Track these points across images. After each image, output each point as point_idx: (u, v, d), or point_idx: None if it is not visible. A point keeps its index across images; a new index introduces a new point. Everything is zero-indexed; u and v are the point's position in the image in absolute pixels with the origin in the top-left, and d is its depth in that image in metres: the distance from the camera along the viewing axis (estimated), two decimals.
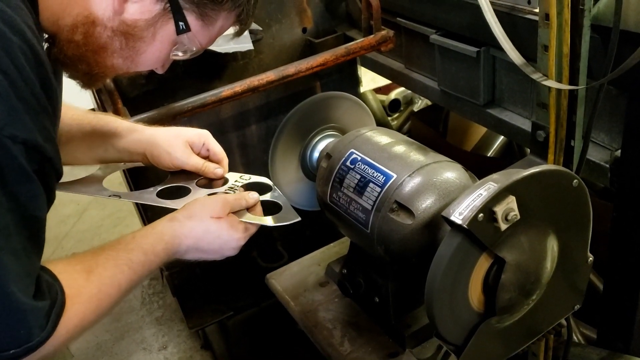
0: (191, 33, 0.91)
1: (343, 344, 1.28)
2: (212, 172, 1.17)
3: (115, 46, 0.88)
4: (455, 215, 0.85)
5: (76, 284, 0.80)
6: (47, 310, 0.75)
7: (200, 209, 1.00)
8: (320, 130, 1.40)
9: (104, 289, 0.84)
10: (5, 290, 0.70)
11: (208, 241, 1.00)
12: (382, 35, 1.63)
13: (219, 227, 1.00)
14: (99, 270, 0.85)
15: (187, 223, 0.98)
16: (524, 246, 0.91)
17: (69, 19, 0.84)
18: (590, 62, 1.07)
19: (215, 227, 1.00)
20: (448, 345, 0.96)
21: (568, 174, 0.93)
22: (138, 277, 0.90)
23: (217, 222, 1.00)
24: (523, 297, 0.95)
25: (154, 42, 0.90)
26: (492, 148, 2.31)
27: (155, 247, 0.93)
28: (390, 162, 1.14)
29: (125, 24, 0.86)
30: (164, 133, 1.17)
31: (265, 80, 1.52)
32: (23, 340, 0.72)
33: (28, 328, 0.72)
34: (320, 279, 1.48)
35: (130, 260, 0.89)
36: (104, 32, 0.87)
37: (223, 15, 0.93)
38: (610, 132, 1.20)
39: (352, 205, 1.17)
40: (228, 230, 1.01)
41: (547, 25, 1.05)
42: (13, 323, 0.71)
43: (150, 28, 0.88)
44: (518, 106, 1.43)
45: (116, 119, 1.19)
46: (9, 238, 0.71)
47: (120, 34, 0.87)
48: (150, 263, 0.92)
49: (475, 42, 1.43)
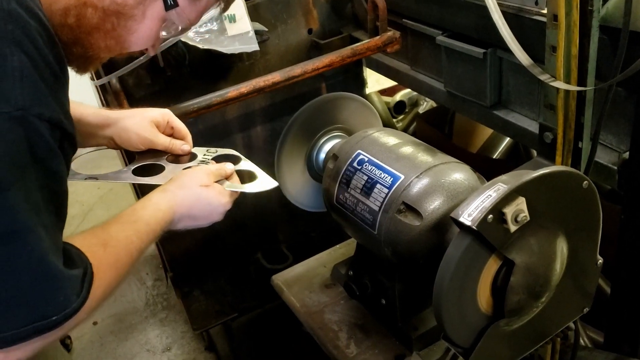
0: (179, 8, 0.93)
1: (349, 346, 1.28)
2: (179, 149, 1.22)
3: (107, 26, 0.90)
4: (464, 216, 0.84)
5: (97, 255, 0.85)
6: (81, 278, 0.79)
7: (189, 179, 1.06)
8: (326, 131, 1.40)
9: (119, 258, 0.89)
10: (44, 260, 0.74)
11: (200, 208, 1.05)
12: (388, 37, 1.62)
13: (208, 194, 1.06)
14: (112, 242, 0.90)
15: (179, 192, 1.04)
16: (534, 248, 0.90)
17: (62, 3, 0.86)
18: (599, 63, 1.06)
19: (205, 194, 1.05)
20: (456, 347, 0.95)
21: (578, 175, 0.92)
22: (145, 245, 0.96)
23: (207, 190, 1.06)
24: (532, 300, 0.94)
25: (144, 20, 0.92)
26: (498, 150, 2.30)
27: (155, 216, 0.99)
28: (398, 163, 1.14)
29: (115, 3, 0.88)
30: (131, 116, 1.22)
31: (271, 81, 1.52)
32: (62, 306, 0.76)
33: (66, 295, 0.76)
34: (326, 280, 1.47)
35: (137, 231, 0.94)
36: (95, 13, 0.88)
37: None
38: (618, 134, 1.20)
39: (359, 207, 1.17)
40: (217, 196, 1.06)
41: (555, 26, 1.05)
42: (53, 291, 0.76)
43: (139, 6, 0.90)
44: (525, 108, 1.43)
45: (80, 104, 1.21)
46: (41, 213, 0.75)
47: (111, 13, 0.89)
48: (153, 232, 0.97)
49: (482, 43, 1.43)
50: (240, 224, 1.90)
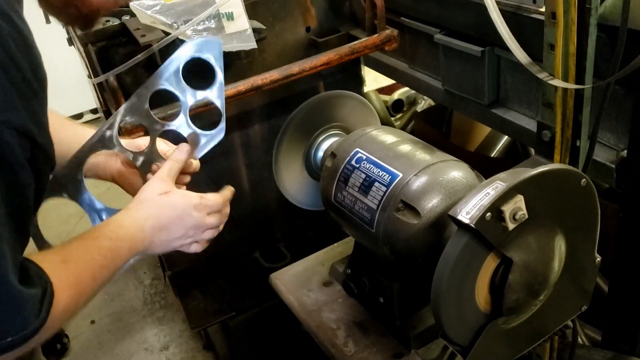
0: None
1: (347, 344, 1.28)
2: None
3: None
4: (463, 214, 0.84)
5: (57, 273, 0.81)
6: (40, 298, 0.75)
7: (146, 192, 1.02)
8: (324, 130, 1.40)
9: (81, 276, 0.86)
10: (4, 280, 0.70)
11: (167, 215, 1.01)
12: (386, 35, 1.62)
13: (170, 200, 1.02)
14: (73, 259, 0.86)
15: (140, 207, 1.00)
16: (532, 246, 0.90)
17: None
18: (597, 61, 1.06)
19: (166, 201, 1.02)
20: (454, 346, 0.95)
21: (576, 173, 0.92)
22: (109, 262, 0.91)
23: (167, 197, 1.02)
24: (530, 298, 0.94)
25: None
26: (496, 148, 2.30)
27: (117, 232, 0.95)
28: (396, 161, 1.14)
29: None
30: None
31: (269, 79, 1.51)
32: (20, 327, 0.72)
33: (24, 316, 0.73)
34: (324, 279, 1.47)
35: (99, 247, 0.91)
36: None
37: None
38: (617, 132, 1.20)
39: (357, 205, 1.16)
40: (182, 199, 1.03)
41: (553, 24, 1.04)
42: (10, 311, 0.72)
43: None
44: (523, 106, 1.43)
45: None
46: (1, 226, 0.71)
47: None
48: (117, 248, 0.93)
49: (480, 41, 1.43)
50: (237, 223, 1.90)
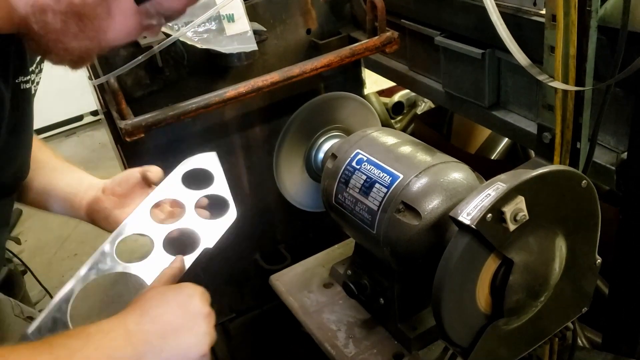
0: (154, 0, 0.85)
1: (347, 345, 1.28)
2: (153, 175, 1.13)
3: (73, 30, 0.83)
4: (463, 215, 0.84)
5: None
6: None
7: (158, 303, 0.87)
8: (325, 131, 1.40)
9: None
10: None
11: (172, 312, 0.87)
12: (387, 37, 1.62)
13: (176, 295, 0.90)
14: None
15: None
16: (533, 247, 0.90)
17: (20, 12, 0.80)
18: (597, 63, 1.06)
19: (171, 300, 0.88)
20: (454, 347, 0.95)
21: (577, 174, 0.92)
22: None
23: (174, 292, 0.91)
24: (531, 299, 0.94)
25: (113, 18, 0.84)
26: (496, 151, 2.31)
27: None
28: (397, 162, 1.14)
29: (72, 4, 0.81)
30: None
31: (269, 81, 1.51)
32: None
33: None
34: (324, 280, 1.47)
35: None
36: (55, 17, 0.81)
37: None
38: (617, 135, 1.20)
39: (357, 206, 1.17)
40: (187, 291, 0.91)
41: (553, 27, 1.05)
42: None
43: (102, 4, 0.82)
44: (523, 108, 1.43)
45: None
46: None
47: (72, 15, 0.82)
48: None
49: (481, 43, 1.43)
50: (238, 225, 1.90)
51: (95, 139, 4.41)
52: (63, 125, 4.51)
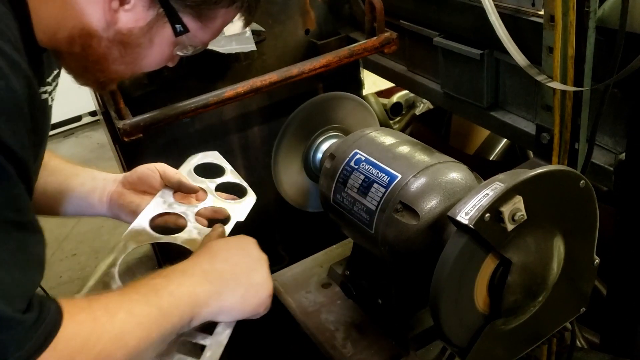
0: (190, 33, 0.90)
1: (345, 346, 1.28)
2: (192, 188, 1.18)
3: (114, 55, 0.88)
4: (462, 215, 0.84)
5: (71, 301, 0.72)
6: (31, 324, 0.65)
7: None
8: (323, 131, 1.40)
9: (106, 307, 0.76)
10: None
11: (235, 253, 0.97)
12: (386, 37, 1.63)
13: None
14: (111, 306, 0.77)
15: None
16: (531, 247, 0.90)
17: (65, 32, 0.84)
18: (595, 64, 1.06)
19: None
20: (452, 347, 0.95)
21: (575, 174, 0.92)
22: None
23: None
24: (529, 299, 0.94)
25: (152, 47, 0.90)
26: (494, 151, 2.31)
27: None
28: (395, 162, 1.14)
29: (120, 33, 0.86)
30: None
31: (268, 81, 1.52)
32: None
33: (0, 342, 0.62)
34: (322, 280, 1.47)
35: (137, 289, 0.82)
36: (100, 43, 0.86)
37: (222, 12, 0.91)
38: (615, 135, 1.20)
39: (356, 206, 1.17)
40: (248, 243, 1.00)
41: (552, 27, 1.05)
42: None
43: (146, 34, 0.88)
44: (522, 109, 1.43)
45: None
46: None
47: (117, 43, 0.87)
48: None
49: (479, 44, 1.43)
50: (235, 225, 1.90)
51: (94, 140, 4.41)
52: (61, 125, 4.50)
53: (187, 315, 0.84)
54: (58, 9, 0.81)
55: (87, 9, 0.83)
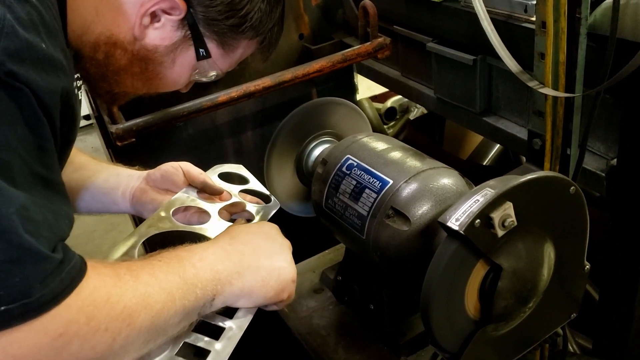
0: (211, 59, 0.92)
1: (337, 351, 1.27)
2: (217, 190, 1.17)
3: (135, 69, 0.89)
4: (452, 221, 0.84)
5: (95, 262, 0.71)
6: (57, 264, 0.61)
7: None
8: (316, 136, 1.40)
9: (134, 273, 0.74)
10: (5, 215, 0.57)
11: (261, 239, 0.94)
12: (379, 43, 1.63)
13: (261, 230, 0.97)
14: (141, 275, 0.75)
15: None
16: (521, 253, 0.90)
17: (92, 36, 0.85)
18: (587, 70, 1.07)
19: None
20: (443, 353, 0.95)
21: (565, 181, 0.92)
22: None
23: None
24: (519, 305, 0.94)
25: (173, 67, 0.91)
26: (488, 156, 2.31)
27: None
28: (387, 167, 1.14)
29: (145, 49, 0.87)
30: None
31: (261, 85, 1.51)
32: (17, 292, 0.56)
33: (24, 276, 0.57)
34: (314, 285, 1.47)
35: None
36: (124, 55, 0.87)
37: (244, 43, 0.94)
38: (606, 141, 1.20)
39: (347, 211, 1.16)
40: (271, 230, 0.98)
41: (543, 33, 1.05)
42: (6, 264, 0.56)
43: (170, 54, 0.89)
44: (514, 114, 1.43)
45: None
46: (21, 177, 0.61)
47: (141, 58, 0.88)
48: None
49: (472, 50, 1.43)
50: None
51: (88, 143, 4.39)
52: None
53: (209, 290, 0.81)
54: (91, 12, 0.83)
55: (119, 19, 0.84)
